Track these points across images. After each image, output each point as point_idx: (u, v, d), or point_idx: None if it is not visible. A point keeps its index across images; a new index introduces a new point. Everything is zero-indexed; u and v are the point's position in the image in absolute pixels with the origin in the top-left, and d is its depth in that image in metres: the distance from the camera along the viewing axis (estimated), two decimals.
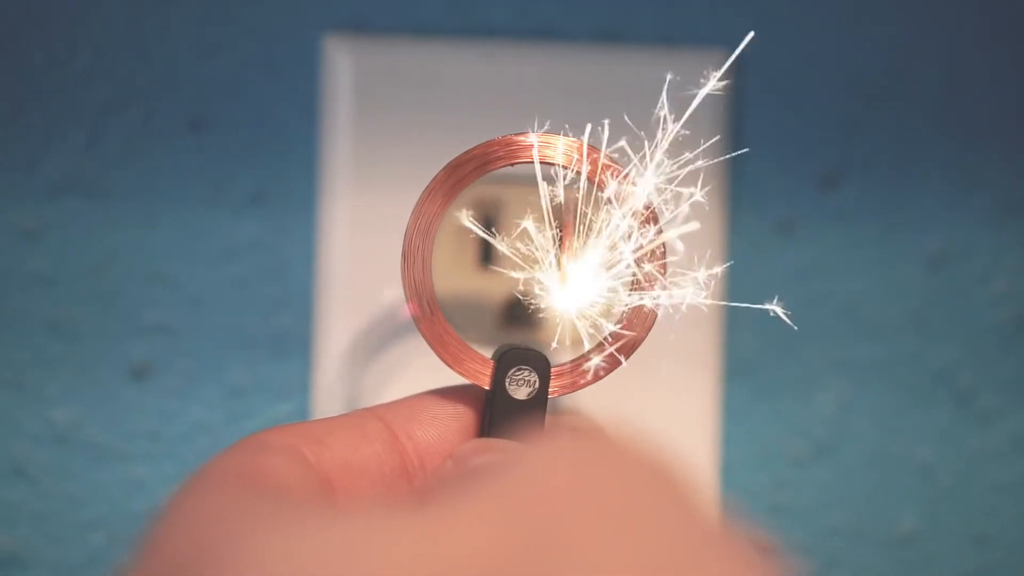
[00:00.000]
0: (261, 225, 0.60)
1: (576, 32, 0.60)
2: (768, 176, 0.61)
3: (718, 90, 0.39)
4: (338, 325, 0.59)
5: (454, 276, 0.58)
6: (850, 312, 0.62)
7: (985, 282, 0.62)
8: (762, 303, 0.61)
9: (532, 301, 0.38)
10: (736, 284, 0.61)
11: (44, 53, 0.59)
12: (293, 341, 0.60)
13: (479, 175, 0.37)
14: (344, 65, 0.59)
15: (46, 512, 0.60)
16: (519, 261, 0.38)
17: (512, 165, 0.38)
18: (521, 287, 0.38)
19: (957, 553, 0.63)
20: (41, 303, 0.59)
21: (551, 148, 0.37)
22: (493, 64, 0.59)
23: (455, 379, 0.39)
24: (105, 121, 0.59)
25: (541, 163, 0.37)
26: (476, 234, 0.38)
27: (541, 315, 0.38)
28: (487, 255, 0.58)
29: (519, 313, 0.57)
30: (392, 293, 0.58)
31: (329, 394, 0.59)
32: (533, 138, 0.37)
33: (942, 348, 0.62)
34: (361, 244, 0.58)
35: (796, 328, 0.62)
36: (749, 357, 0.61)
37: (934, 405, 0.63)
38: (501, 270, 0.38)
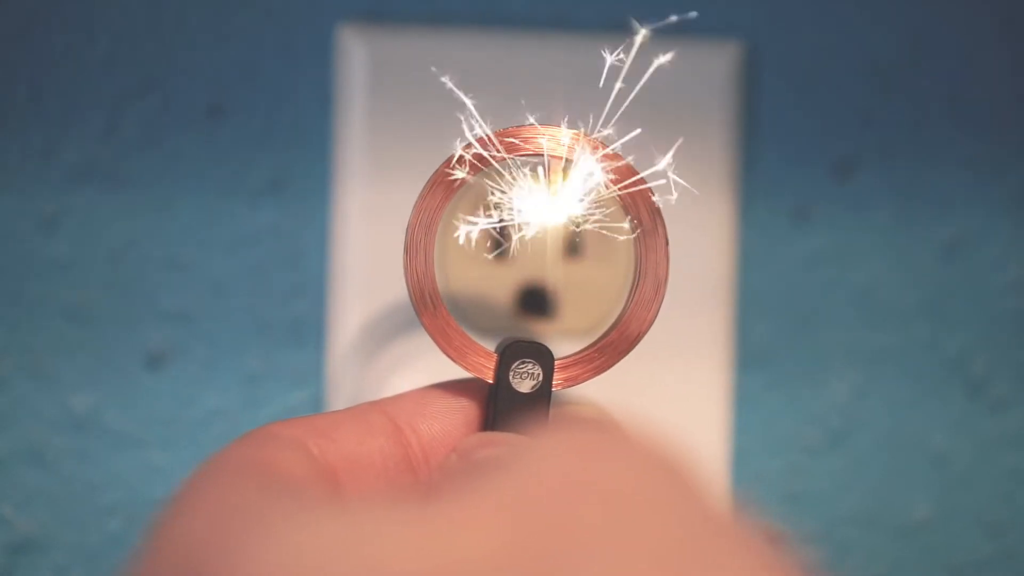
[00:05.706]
0: (277, 212, 0.60)
1: (591, 22, 0.60)
2: (782, 163, 0.61)
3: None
4: (352, 313, 0.59)
5: (464, 267, 0.58)
6: (864, 299, 0.62)
7: (999, 270, 0.62)
8: (777, 290, 0.61)
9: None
10: (750, 271, 0.61)
11: (62, 40, 0.59)
12: (308, 328, 0.60)
13: (480, 168, 0.37)
14: (359, 53, 0.59)
15: (64, 497, 0.60)
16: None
17: (513, 158, 0.37)
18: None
19: (970, 540, 0.63)
20: (59, 289, 0.60)
21: (553, 140, 0.37)
22: (508, 54, 0.59)
23: (462, 372, 0.39)
24: (123, 108, 0.60)
25: (542, 156, 0.37)
26: (487, 227, 0.38)
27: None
28: (499, 246, 0.58)
29: (532, 304, 0.57)
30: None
31: (343, 381, 0.59)
32: (534, 130, 0.37)
33: (956, 336, 0.62)
34: (376, 232, 0.59)
35: (810, 316, 0.62)
36: (762, 345, 0.61)
37: (948, 393, 0.62)
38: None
